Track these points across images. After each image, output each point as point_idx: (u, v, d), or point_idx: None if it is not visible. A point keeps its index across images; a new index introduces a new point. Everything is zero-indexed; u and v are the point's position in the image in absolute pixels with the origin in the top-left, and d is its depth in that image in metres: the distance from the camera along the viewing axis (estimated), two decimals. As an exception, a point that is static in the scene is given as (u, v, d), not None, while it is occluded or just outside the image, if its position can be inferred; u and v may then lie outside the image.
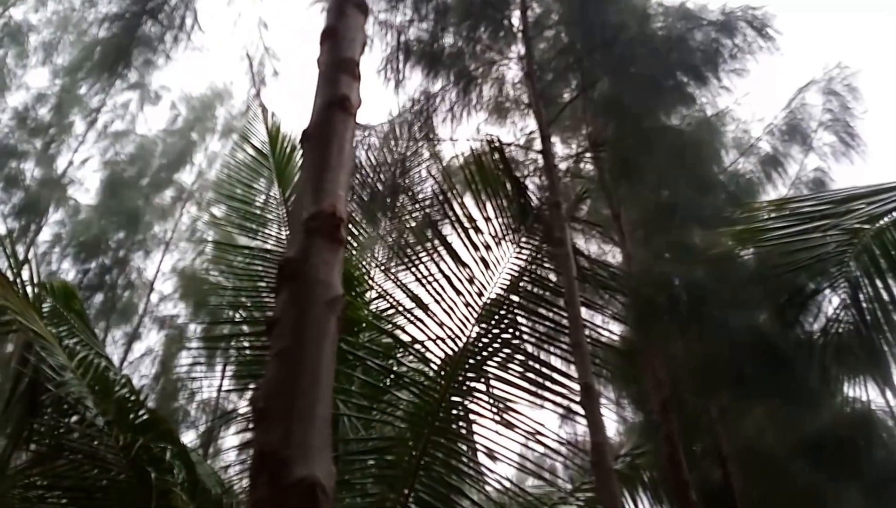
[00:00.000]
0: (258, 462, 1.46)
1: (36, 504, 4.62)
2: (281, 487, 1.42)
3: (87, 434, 4.16)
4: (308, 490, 1.42)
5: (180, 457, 4.36)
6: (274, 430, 1.49)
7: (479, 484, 4.95)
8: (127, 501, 4.27)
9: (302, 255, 1.80)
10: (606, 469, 3.00)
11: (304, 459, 1.45)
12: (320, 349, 1.65)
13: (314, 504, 1.42)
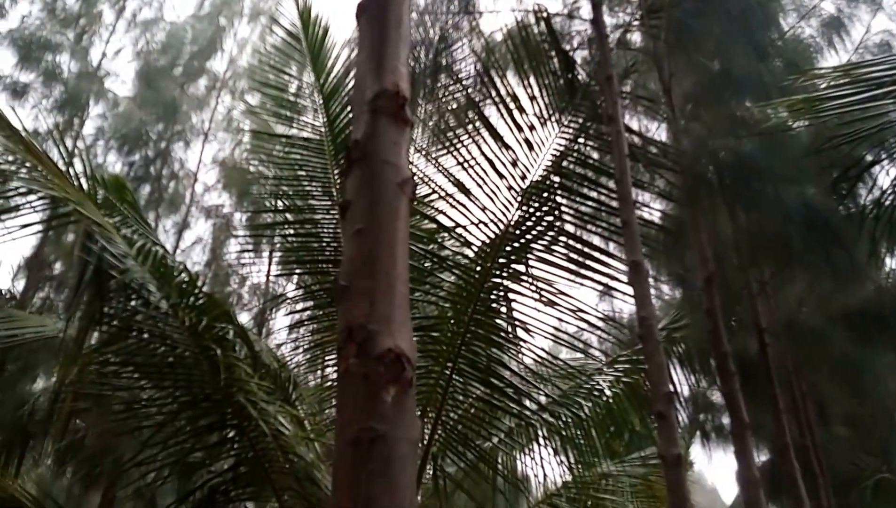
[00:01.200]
0: (346, 335, 1.55)
1: (111, 378, 5.02)
2: (370, 357, 1.51)
3: (153, 317, 4.41)
4: (395, 359, 1.52)
5: (240, 335, 4.63)
6: (359, 306, 1.57)
7: (518, 357, 5.16)
8: (194, 376, 4.60)
9: (369, 136, 1.81)
10: (654, 341, 3.08)
11: (389, 332, 1.53)
12: (395, 230, 1.69)
13: (401, 372, 1.51)
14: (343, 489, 1.45)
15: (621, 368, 6.00)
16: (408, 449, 1.48)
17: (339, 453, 1.50)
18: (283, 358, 6.12)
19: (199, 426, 4.79)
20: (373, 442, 1.45)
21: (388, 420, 1.48)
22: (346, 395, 1.54)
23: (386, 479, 1.42)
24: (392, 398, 1.51)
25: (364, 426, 1.47)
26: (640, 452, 7.07)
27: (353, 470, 1.44)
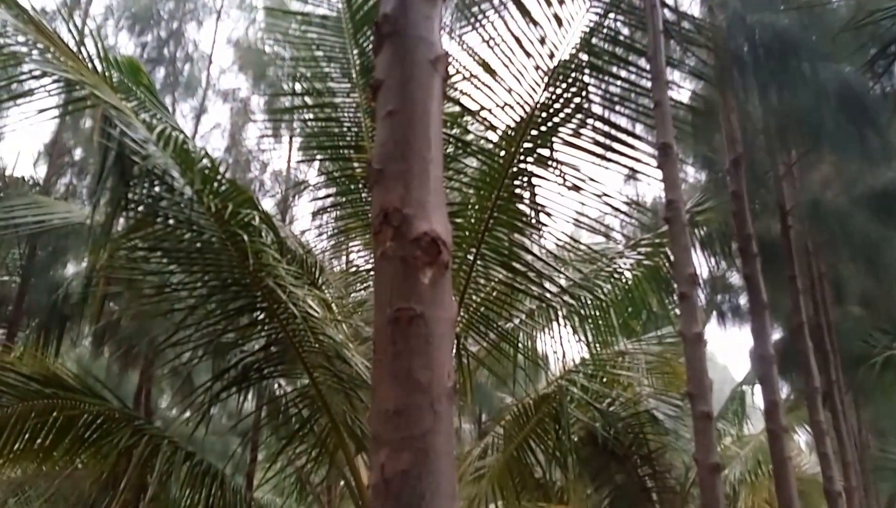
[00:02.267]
0: (382, 219, 1.55)
1: (140, 263, 5.14)
2: (406, 241, 1.51)
3: (177, 203, 4.44)
4: (431, 243, 1.52)
5: (265, 221, 4.67)
6: (394, 189, 1.56)
7: (540, 242, 5.19)
8: (222, 261, 4.69)
9: (399, 10, 1.71)
10: (680, 224, 3.07)
11: (425, 216, 1.52)
12: (428, 112, 1.64)
13: (437, 255, 1.52)
14: (384, 365, 1.49)
15: (642, 251, 6.04)
16: (445, 328, 1.52)
17: (379, 332, 1.54)
18: (308, 245, 6.20)
19: (230, 309, 4.93)
20: (411, 321, 1.48)
21: (426, 301, 1.51)
22: (384, 277, 1.56)
23: (425, 356, 1.47)
24: (429, 280, 1.52)
25: (403, 307, 1.49)
26: (656, 331, 7.28)
27: (392, 347, 1.48)
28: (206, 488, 5.54)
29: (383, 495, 1.38)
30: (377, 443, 1.44)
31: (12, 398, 5.16)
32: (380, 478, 1.40)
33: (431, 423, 1.41)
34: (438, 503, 1.36)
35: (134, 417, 5.64)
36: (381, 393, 1.46)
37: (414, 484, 1.36)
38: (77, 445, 5.69)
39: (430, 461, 1.38)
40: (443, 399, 1.45)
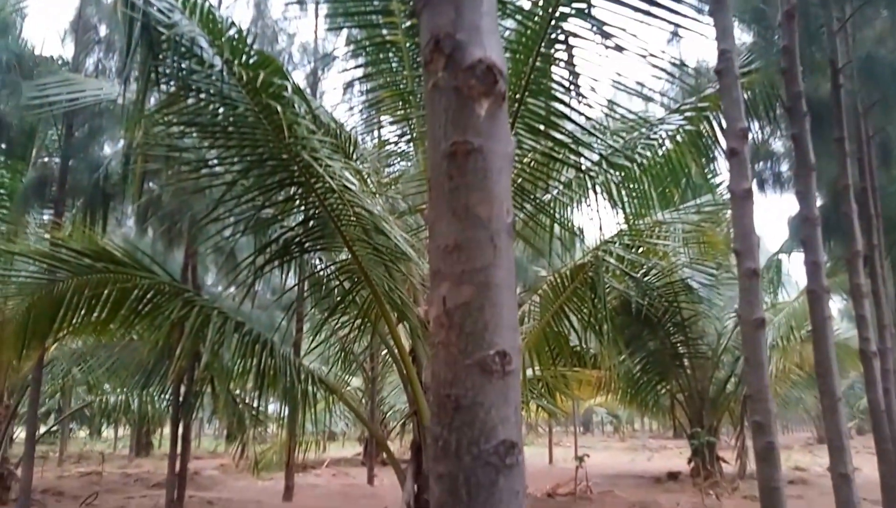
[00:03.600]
0: (432, 47, 1.48)
1: (177, 138, 5.14)
2: (460, 69, 1.45)
3: (208, 75, 4.35)
4: (487, 70, 1.46)
5: (297, 93, 4.57)
6: (444, 12, 1.47)
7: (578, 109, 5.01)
8: (257, 135, 4.65)
9: None
10: (732, 76, 2.91)
11: (479, 42, 1.45)
12: None
13: (494, 83, 1.46)
14: (441, 201, 1.47)
15: (684, 116, 5.82)
16: (503, 163, 1.48)
17: (434, 168, 1.51)
18: (339, 120, 6.11)
19: (268, 184, 4.94)
20: (468, 155, 1.45)
21: (483, 134, 1.46)
22: (437, 110, 1.50)
23: (483, 191, 1.44)
24: (485, 111, 1.46)
25: (459, 141, 1.45)
26: (694, 200, 7.17)
27: (449, 182, 1.45)
28: (256, 356, 5.83)
29: (446, 326, 1.40)
30: (437, 277, 1.45)
31: (67, 272, 5.39)
32: (441, 311, 1.41)
33: (492, 257, 1.41)
34: (501, 333, 1.39)
35: (184, 290, 5.86)
36: (439, 229, 1.45)
37: (476, 316, 1.38)
38: (132, 317, 5.99)
39: (491, 293, 1.39)
40: (502, 234, 1.43)
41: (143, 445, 21.09)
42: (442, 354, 1.39)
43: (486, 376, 1.35)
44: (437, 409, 1.38)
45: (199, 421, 24.01)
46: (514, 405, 1.39)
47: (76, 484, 11.10)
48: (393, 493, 9.61)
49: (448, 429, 1.34)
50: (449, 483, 1.32)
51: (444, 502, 1.33)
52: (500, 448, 1.32)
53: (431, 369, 1.45)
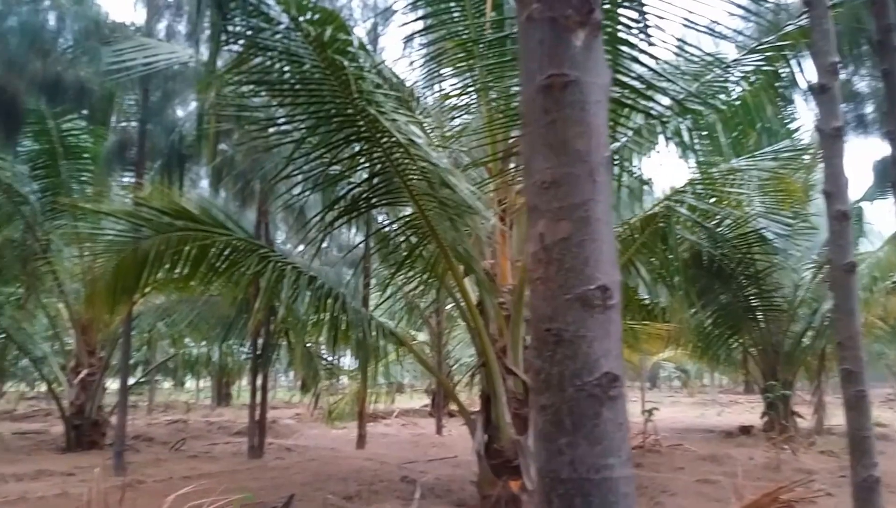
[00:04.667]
0: None
1: (248, 97, 5.25)
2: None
3: (276, 33, 4.40)
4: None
5: (361, 48, 4.58)
6: None
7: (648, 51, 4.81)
8: (324, 92, 4.70)
9: None
10: (822, 6, 2.73)
11: None
12: None
13: (590, 12, 1.43)
14: (537, 136, 1.44)
15: (762, 56, 5.52)
16: (600, 95, 1.44)
17: (529, 102, 1.47)
18: (400, 75, 6.09)
19: (334, 141, 5.00)
20: (565, 88, 1.41)
21: (579, 66, 1.42)
22: (531, 43, 1.46)
23: (581, 124, 1.41)
24: (582, 42, 1.42)
25: (555, 73, 1.41)
26: (771, 146, 6.85)
27: (545, 117, 1.42)
28: (329, 310, 6.00)
29: (544, 262, 1.40)
30: (534, 214, 1.44)
31: (150, 230, 5.65)
32: (539, 247, 1.41)
33: (591, 192, 1.39)
34: (602, 268, 1.38)
35: (259, 246, 6.05)
36: (535, 165, 1.44)
37: (576, 251, 1.37)
38: (211, 274, 6.24)
39: (591, 229, 1.38)
40: (601, 168, 1.41)
41: (223, 395, 22.23)
42: (541, 289, 1.39)
43: (587, 310, 1.35)
44: (537, 343, 1.40)
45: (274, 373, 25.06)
46: (616, 339, 1.39)
47: (164, 431, 11.84)
48: (461, 443, 9.84)
49: (550, 362, 1.36)
50: (552, 414, 1.35)
51: (548, 432, 1.35)
52: (602, 380, 1.33)
53: (530, 304, 1.46)
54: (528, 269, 1.46)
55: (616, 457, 1.33)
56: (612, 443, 1.33)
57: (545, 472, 1.36)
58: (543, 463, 1.37)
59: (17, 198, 8.83)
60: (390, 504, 5.03)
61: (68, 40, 6.84)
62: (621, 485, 1.33)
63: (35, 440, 10.48)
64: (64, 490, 6.01)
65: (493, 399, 5.29)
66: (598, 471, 1.31)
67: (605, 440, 1.32)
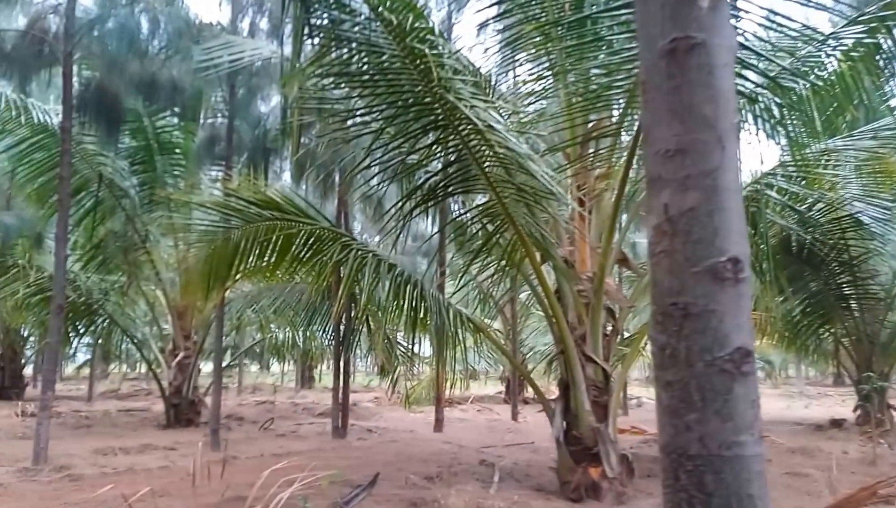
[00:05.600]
0: None
1: (329, 89, 5.41)
2: None
3: (356, 24, 4.51)
4: None
5: (440, 35, 4.63)
6: None
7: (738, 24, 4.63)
8: (403, 81, 4.78)
9: None
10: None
11: None
12: None
13: None
14: (660, 103, 1.40)
15: (862, 28, 5.20)
16: (728, 58, 1.40)
17: (650, 69, 1.43)
18: (474, 63, 6.11)
19: (412, 131, 5.09)
20: (690, 51, 1.37)
21: (706, 27, 1.38)
22: (652, 6, 1.42)
23: (708, 88, 1.36)
24: (708, 3, 1.38)
25: (680, 36, 1.38)
26: (869, 124, 6.46)
27: (669, 82, 1.38)
28: (407, 297, 6.12)
29: (669, 234, 1.36)
30: (657, 184, 1.40)
31: (239, 220, 5.92)
32: (664, 218, 1.37)
33: (719, 160, 1.34)
34: (732, 239, 1.34)
35: (342, 235, 6.24)
36: (657, 133, 1.40)
37: (704, 222, 1.33)
38: (295, 262, 6.50)
39: (720, 198, 1.34)
40: (730, 134, 1.36)
41: (306, 378, 23.04)
42: (665, 262, 1.36)
43: (717, 283, 1.31)
44: (661, 318, 1.37)
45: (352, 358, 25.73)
46: (747, 313, 1.35)
47: (253, 411, 12.41)
48: (537, 429, 9.84)
49: (676, 337, 1.33)
50: (680, 390, 1.32)
51: (674, 407, 1.33)
52: (734, 355, 1.30)
53: (652, 278, 1.43)
54: (650, 242, 1.42)
55: (748, 434, 1.29)
56: (743, 420, 1.29)
57: (671, 448, 1.34)
58: (669, 439, 1.35)
59: (118, 192, 9.44)
60: (471, 487, 5.12)
61: (162, 41, 7.21)
62: (754, 463, 1.30)
63: (139, 418, 11.23)
64: (167, 462, 6.44)
65: (572, 387, 5.28)
66: (729, 448, 1.28)
67: (737, 416, 1.29)
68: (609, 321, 5.64)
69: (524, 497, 4.90)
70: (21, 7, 7.71)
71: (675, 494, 1.33)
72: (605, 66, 5.21)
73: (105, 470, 6.00)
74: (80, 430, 9.40)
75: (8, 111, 8.03)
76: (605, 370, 5.35)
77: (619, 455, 5.22)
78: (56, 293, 6.58)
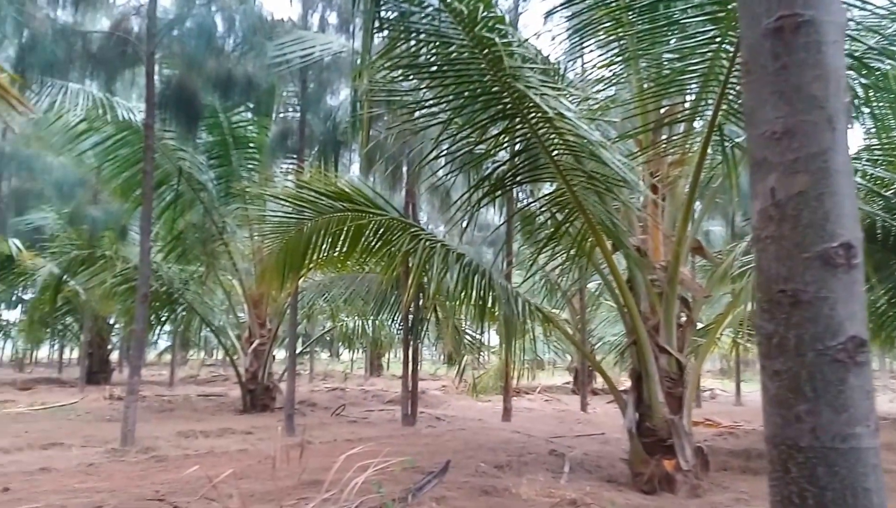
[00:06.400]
0: None
1: (398, 82, 5.46)
2: None
3: (425, 15, 4.54)
4: None
5: (509, 23, 4.60)
6: None
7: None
8: (471, 71, 4.78)
9: None
10: None
11: None
12: None
13: None
14: (765, 83, 1.35)
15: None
16: (837, 35, 1.34)
17: (753, 48, 1.38)
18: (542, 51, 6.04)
19: (479, 121, 5.08)
20: (798, 29, 1.32)
21: (813, 4, 1.32)
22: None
23: (818, 67, 1.31)
24: None
25: (786, 14, 1.33)
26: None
27: (775, 62, 1.33)
28: (476, 287, 6.13)
29: (776, 219, 1.32)
30: (763, 168, 1.36)
31: (312, 212, 6.07)
32: (770, 202, 1.33)
33: (830, 141, 1.30)
34: (844, 223, 1.30)
35: (411, 224, 6.31)
36: (762, 115, 1.36)
37: (814, 206, 1.29)
38: (366, 253, 6.62)
39: (830, 181, 1.29)
40: (840, 115, 1.32)
41: (374, 366, 23.50)
42: (772, 248, 1.33)
43: (829, 269, 1.27)
44: (767, 305, 1.34)
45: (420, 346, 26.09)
46: (860, 301, 1.31)
47: (325, 398, 12.75)
48: (608, 420, 9.73)
49: (785, 325, 1.30)
50: (789, 380, 1.29)
51: (783, 398, 1.31)
52: (848, 344, 1.26)
53: (757, 264, 1.39)
54: (755, 227, 1.39)
55: (864, 426, 1.25)
56: (859, 411, 1.25)
57: (779, 440, 1.31)
58: (777, 430, 1.32)
59: (196, 186, 9.84)
60: (542, 476, 5.11)
61: (237, 38, 7.45)
62: (870, 456, 1.26)
63: (217, 402, 11.73)
64: (245, 446, 6.71)
65: (645, 378, 5.19)
66: (844, 440, 1.24)
67: (852, 407, 1.25)
68: (683, 310, 5.51)
69: (596, 487, 4.86)
70: (104, 10, 8.08)
71: (784, 487, 1.29)
72: (679, 50, 5.08)
73: (187, 452, 6.30)
74: (163, 413, 9.90)
75: (95, 110, 8.42)
76: (678, 361, 5.23)
77: (693, 447, 5.11)
78: (141, 283, 6.93)
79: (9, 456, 6.03)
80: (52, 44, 7.04)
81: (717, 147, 5.17)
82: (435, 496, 4.32)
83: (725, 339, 11.08)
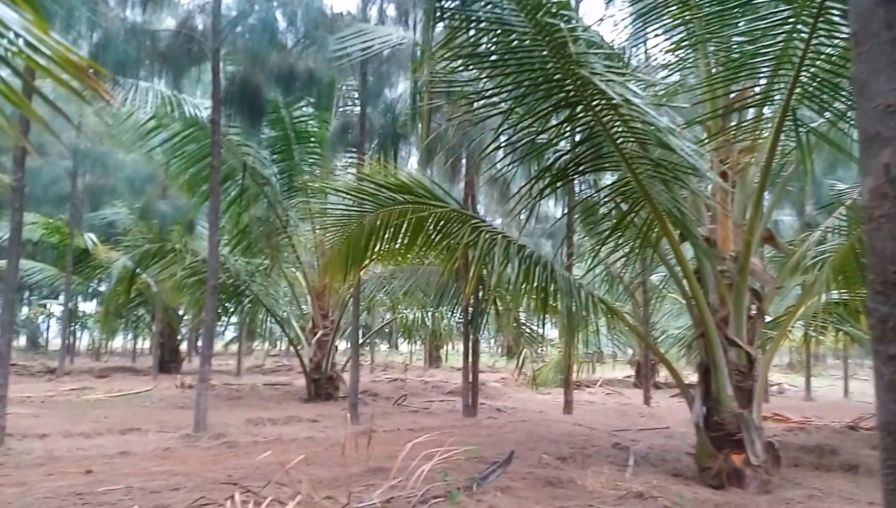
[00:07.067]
0: None
1: (458, 72, 5.43)
2: None
3: (487, 3, 4.50)
4: None
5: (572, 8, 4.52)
6: None
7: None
8: (534, 59, 4.72)
9: None
10: None
11: None
12: None
13: None
14: (877, 54, 1.29)
15: None
16: None
17: (864, 18, 1.32)
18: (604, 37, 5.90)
19: (541, 110, 5.01)
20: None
21: None
22: None
23: None
24: None
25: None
26: None
27: (889, 32, 1.27)
28: (537, 279, 6.07)
29: (892, 197, 1.27)
30: (875, 143, 1.30)
31: (372, 204, 6.12)
32: (884, 179, 1.28)
33: None
34: None
35: (471, 217, 6.29)
36: (875, 87, 1.30)
37: None
38: (426, 245, 6.62)
39: None
40: None
41: (433, 357, 23.67)
42: (887, 227, 1.27)
43: None
44: (882, 287, 1.29)
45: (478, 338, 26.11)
46: None
47: (386, 388, 12.92)
48: (672, 414, 9.51)
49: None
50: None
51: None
52: None
53: (870, 244, 1.34)
54: (868, 206, 1.33)
55: None
56: None
57: (894, 426, 1.25)
58: (891, 417, 1.26)
59: (260, 180, 10.08)
60: (607, 469, 5.04)
61: (299, 33, 7.57)
62: None
63: (282, 391, 12.03)
64: (311, 433, 6.86)
65: (713, 371, 5.04)
66: None
67: None
68: (754, 302, 5.32)
69: (662, 481, 4.76)
70: (170, 8, 8.31)
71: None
72: (750, 32, 4.89)
73: (257, 439, 6.49)
74: (231, 401, 10.22)
75: (163, 107, 8.70)
76: (748, 354, 5.06)
77: (764, 442, 4.94)
78: (210, 275, 7.15)
79: (90, 441, 6.34)
80: (123, 43, 7.29)
81: (790, 133, 4.96)
82: (499, 486, 4.32)
83: (796, 332, 10.67)
